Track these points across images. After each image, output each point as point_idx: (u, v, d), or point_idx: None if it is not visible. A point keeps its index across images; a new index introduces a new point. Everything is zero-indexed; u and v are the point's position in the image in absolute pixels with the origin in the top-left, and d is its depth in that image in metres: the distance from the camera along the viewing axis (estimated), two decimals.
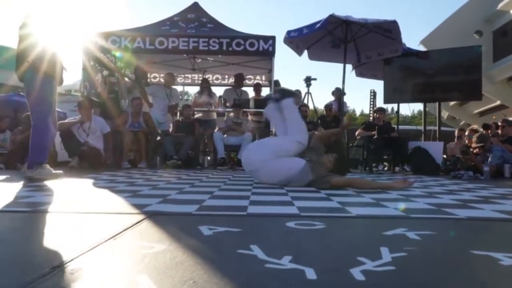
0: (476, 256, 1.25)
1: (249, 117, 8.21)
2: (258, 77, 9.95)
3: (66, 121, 6.35)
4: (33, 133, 3.83)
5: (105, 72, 8.05)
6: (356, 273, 1.05)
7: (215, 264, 1.11)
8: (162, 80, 9.32)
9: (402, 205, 2.34)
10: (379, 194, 2.96)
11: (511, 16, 18.90)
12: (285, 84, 47.60)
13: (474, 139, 6.37)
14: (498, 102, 20.27)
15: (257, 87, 8.74)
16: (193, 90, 10.72)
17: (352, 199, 2.68)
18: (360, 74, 9.27)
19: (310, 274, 1.03)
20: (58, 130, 6.07)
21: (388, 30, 6.98)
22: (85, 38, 7.50)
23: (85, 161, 5.89)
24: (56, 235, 1.50)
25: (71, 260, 1.12)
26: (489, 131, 7.36)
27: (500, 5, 19.26)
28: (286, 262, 1.13)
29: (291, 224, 1.71)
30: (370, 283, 0.99)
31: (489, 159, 5.86)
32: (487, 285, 1.02)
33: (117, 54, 7.90)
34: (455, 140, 7.89)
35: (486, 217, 2.03)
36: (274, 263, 1.12)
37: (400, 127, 10.21)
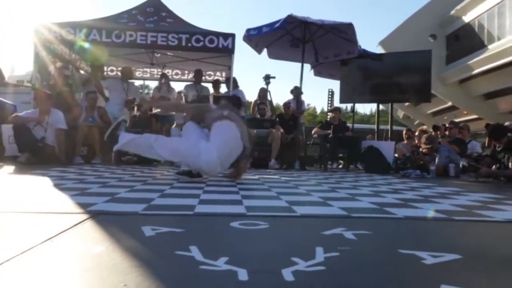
0: (403, 255, 1.33)
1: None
2: (218, 73, 9.93)
3: (22, 114, 6.02)
4: None
5: (59, 64, 7.76)
6: (287, 273, 1.09)
7: (151, 267, 1.12)
8: (119, 73, 9.09)
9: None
10: (328, 193, 3.06)
11: (463, 22, 19.90)
12: (245, 81, 47.54)
13: (423, 139, 6.67)
14: (449, 104, 21.30)
15: (216, 84, 8.73)
16: (153, 84, 10.54)
17: (301, 198, 2.75)
18: (317, 73, 9.45)
19: (242, 275, 1.06)
20: (12, 123, 5.82)
21: (344, 32, 7.16)
22: (38, 28, 7.20)
23: (36, 157, 5.65)
24: None
25: (1, 263, 1.10)
26: (438, 132, 7.73)
27: (453, 11, 20.18)
28: (221, 264, 1.16)
29: (235, 224, 1.74)
30: (299, 283, 1.03)
31: (437, 159, 6.16)
32: (408, 283, 1.10)
33: (86, 45, 7.55)
34: (405, 140, 8.23)
35: (421, 216, 2.14)
36: (209, 264, 1.15)
37: (356, 126, 10.52)
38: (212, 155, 3.52)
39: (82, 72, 8.55)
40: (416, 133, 8.07)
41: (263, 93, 8.78)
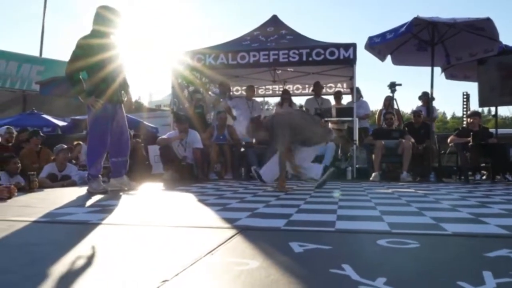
0: None
1: (330, 125, 8.13)
2: (339, 84, 9.81)
3: (166, 137, 6.79)
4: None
5: (191, 88, 8.52)
6: None
7: (309, 284, 1.14)
8: (243, 93, 9.61)
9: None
10: (479, 209, 2.76)
11: None
12: (368, 90, 45.91)
13: None
14: None
15: (338, 95, 8.64)
16: (274, 100, 10.95)
17: (447, 214, 2.53)
18: (450, 76, 8.68)
19: None
20: (159, 144, 6.60)
21: (480, 29, 6.47)
22: (174, 58, 8.05)
23: (178, 174, 6.28)
24: (157, 248, 1.64)
25: (177, 274, 1.22)
26: None
27: None
28: (380, 284, 1.12)
29: (382, 242, 1.67)
30: None
31: None
32: None
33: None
34: None
35: None
36: (368, 285, 1.12)
37: (500, 130, 9.36)
38: None
39: (211, 93, 9.25)
40: None
41: (389, 101, 8.40)
